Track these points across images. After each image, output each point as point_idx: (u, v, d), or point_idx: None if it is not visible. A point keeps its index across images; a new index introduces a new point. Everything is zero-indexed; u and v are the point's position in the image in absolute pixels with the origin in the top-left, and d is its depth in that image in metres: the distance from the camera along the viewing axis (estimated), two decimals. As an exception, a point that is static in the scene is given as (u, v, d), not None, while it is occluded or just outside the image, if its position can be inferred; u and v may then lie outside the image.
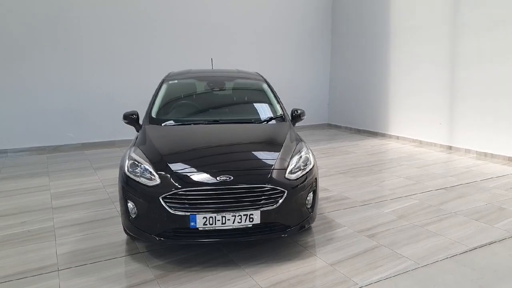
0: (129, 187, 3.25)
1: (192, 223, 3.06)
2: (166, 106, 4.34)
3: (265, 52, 9.75)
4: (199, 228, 3.09)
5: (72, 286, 2.96)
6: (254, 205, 3.13)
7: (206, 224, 3.08)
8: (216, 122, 4.10)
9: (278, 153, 3.48)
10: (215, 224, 3.08)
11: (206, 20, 8.91)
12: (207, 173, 3.19)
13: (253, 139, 3.81)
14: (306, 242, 3.69)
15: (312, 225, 4.02)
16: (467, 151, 7.41)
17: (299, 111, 4.56)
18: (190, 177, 3.18)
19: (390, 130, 9.08)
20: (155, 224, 3.14)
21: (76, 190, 5.24)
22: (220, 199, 3.10)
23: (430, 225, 4.08)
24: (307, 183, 3.43)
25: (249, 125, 4.09)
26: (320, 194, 5.02)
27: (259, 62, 9.62)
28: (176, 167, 3.25)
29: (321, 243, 3.68)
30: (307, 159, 3.58)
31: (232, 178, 3.14)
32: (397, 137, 8.88)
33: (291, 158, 3.49)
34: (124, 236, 3.74)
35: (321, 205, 4.64)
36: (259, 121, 4.15)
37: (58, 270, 3.18)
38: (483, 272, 3.17)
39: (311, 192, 3.51)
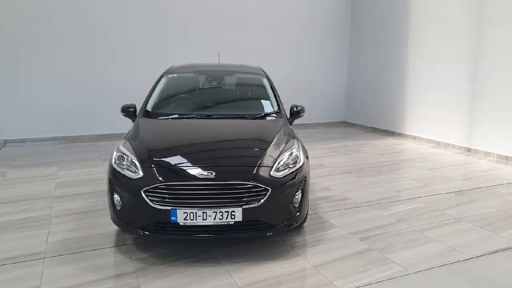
0: (115, 179, 3.27)
1: (173, 218, 3.04)
2: (162, 100, 4.34)
3: (280, 48, 9.63)
4: (180, 223, 3.06)
5: (54, 274, 3.00)
6: (236, 202, 3.08)
7: (187, 220, 3.05)
8: (209, 116, 4.07)
9: (265, 150, 3.41)
10: (196, 219, 3.05)
11: (219, 14, 8.88)
12: (189, 168, 3.16)
13: (242, 135, 3.75)
14: (294, 241, 3.61)
15: (304, 224, 3.94)
16: (487, 153, 7.07)
17: (298, 108, 4.46)
18: (173, 171, 3.16)
19: (407, 129, 8.79)
20: (138, 217, 3.15)
21: (80, 180, 5.34)
22: (201, 195, 3.06)
23: (429, 230, 3.91)
24: (295, 182, 3.34)
25: (242, 120, 4.02)
26: (320, 194, 4.92)
27: (274, 58, 9.53)
28: (160, 161, 3.24)
29: (310, 244, 3.58)
30: (297, 157, 3.49)
31: (214, 174, 3.10)
32: (414, 137, 8.59)
33: (279, 155, 3.40)
34: (114, 228, 3.77)
35: (318, 205, 4.53)
36: (253, 116, 4.08)
37: (44, 258, 3.24)
38: (477, 283, 3.00)
39: (300, 191, 3.41)
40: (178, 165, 3.22)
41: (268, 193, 3.14)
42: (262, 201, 3.12)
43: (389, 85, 9.21)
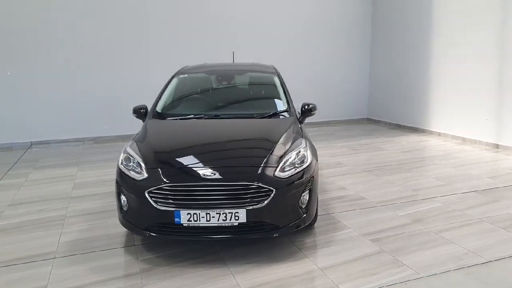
0: (121, 180, 3.29)
1: (176, 219, 3.03)
2: (171, 101, 4.36)
3: (300, 43, 9.50)
4: (184, 224, 3.05)
5: (61, 275, 3.05)
6: (239, 203, 3.04)
7: (191, 221, 3.03)
8: (217, 116, 4.04)
9: (270, 150, 3.34)
10: (199, 221, 3.03)
11: (236, 12, 8.84)
12: (193, 169, 3.14)
13: (248, 135, 3.69)
14: (303, 243, 3.53)
15: (315, 225, 3.85)
16: (517, 150, 6.73)
17: (310, 106, 4.37)
18: (176, 172, 3.16)
19: (431, 125, 8.48)
20: (143, 218, 3.16)
21: (97, 181, 5.44)
22: (204, 196, 3.03)
23: (447, 231, 3.74)
24: (301, 182, 3.26)
25: (250, 120, 3.97)
26: (335, 193, 4.81)
27: (294, 56, 9.42)
28: (165, 162, 3.24)
29: (319, 245, 3.50)
30: (304, 156, 3.41)
31: (217, 174, 3.06)
32: (439, 134, 8.28)
33: (284, 155, 3.33)
34: (124, 228, 3.78)
35: (332, 205, 4.43)
36: (261, 115, 4.02)
37: (54, 258, 3.30)
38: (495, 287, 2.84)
39: (307, 191, 3.33)
40: (182, 166, 3.21)
41: (273, 194, 3.08)
42: (266, 202, 3.06)
43: (412, 80, 8.92)
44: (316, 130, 9.19)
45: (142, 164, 3.24)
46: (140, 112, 4.28)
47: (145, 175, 3.15)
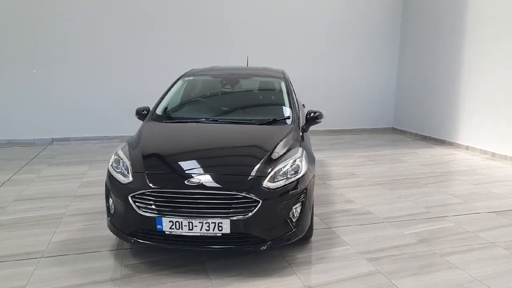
0: (109, 183, 3.25)
1: (158, 226, 2.95)
2: (173, 103, 4.29)
3: (325, 48, 9.27)
4: (166, 232, 2.95)
5: (43, 275, 3.03)
6: (223, 213, 2.91)
7: (173, 229, 2.93)
8: (215, 121, 3.93)
9: (261, 159, 3.20)
10: (182, 229, 2.93)
11: (256, 15, 8.73)
12: (177, 176, 3.05)
13: (241, 142, 3.56)
14: (294, 257, 3.35)
15: (312, 239, 3.67)
16: (550, 169, 6.23)
17: (316, 113, 4.18)
18: (160, 178, 3.07)
19: (459, 138, 8.03)
20: (126, 224, 3.09)
21: (104, 180, 5.42)
22: (187, 204, 2.93)
23: (454, 254, 3.45)
24: (293, 194, 3.10)
25: (247, 126, 3.83)
26: (341, 206, 4.59)
27: (318, 61, 9.22)
28: (151, 167, 3.16)
29: (311, 261, 3.31)
30: (298, 167, 3.23)
31: (201, 182, 2.95)
32: (466, 147, 7.82)
33: (276, 164, 3.17)
34: (115, 231, 3.75)
35: (335, 218, 4.22)
36: (260, 122, 3.87)
37: (41, 258, 3.29)
38: (496, 323, 2.57)
39: (299, 204, 3.16)
40: (167, 172, 3.12)
41: (259, 205, 2.93)
42: (251, 213, 2.92)
43: (441, 90, 8.49)
44: (337, 138, 8.93)
45: (129, 168, 3.18)
46: (142, 114, 4.25)
47: (130, 179, 3.09)
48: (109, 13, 7.90)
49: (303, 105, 5.90)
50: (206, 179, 3.00)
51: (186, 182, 2.95)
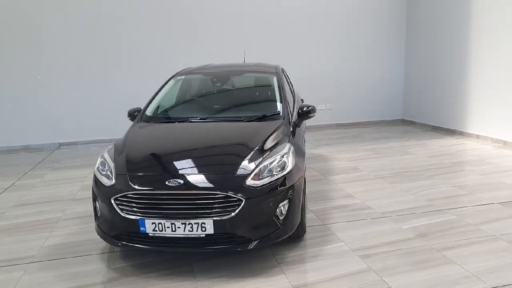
0: (95, 185, 3.23)
1: (142, 228, 2.91)
2: (162, 104, 4.25)
3: (331, 43, 9.09)
4: (150, 234, 2.92)
5: (30, 281, 3.04)
6: (206, 213, 2.85)
7: (156, 230, 2.90)
8: (203, 120, 3.87)
9: (245, 157, 3.12)
10: (165, 231, 2.89)
11: (262, 10, 8.62)
12: (159, 177, 3.00)
13: (228, 141, 3.48)
14: (284, 256, 3.27)
15: (305, 237, 3.58)
16: None
17: (307, 108, 4.08)
18: (142, 179, 3.02)
19: (470, 128, 7.77)
20: (111, 226, 3.07)
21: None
22: (169, 205, 2.88)
23: (451, 249, 3.31)
24: (279, 191, 3.02)
25: (235, 124, 3.76)
26: (340, 201, 4.48)
27: (322, 52, 9.06)
28: (134, 169, 3.12)
29: (301, 260, 3.22)
30: (284, 163, 3.15)
31: (182, 182, 2.90)
32: (477, 136, 7.56)
33: (261, 162, 3.10)
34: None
35: (331, 214, 4.11)
36: (248, 119, 3.79)
37: (31, 263, 3.31)
38: (491, 321, 2.44)
39: (286, 201, 3.08)
40: (149, 173, 3.07)
41: (242, 204, 2.86)
42: (234, 213, 2.85)
43: (450, 79, 8.23)
44: (344, 132, 8.77)
45: (113, 170, 3.15)
46: (134, 116, 4.23)
47: (113, 181, 3.06)
48: (115, 17, 7.92)
49: (301, 100, 5.80)
50: (188, 179, 2.94)
51: (167, 183, 2.91)
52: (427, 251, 3.29)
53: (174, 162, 3.21)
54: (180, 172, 3.03)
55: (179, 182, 2.90)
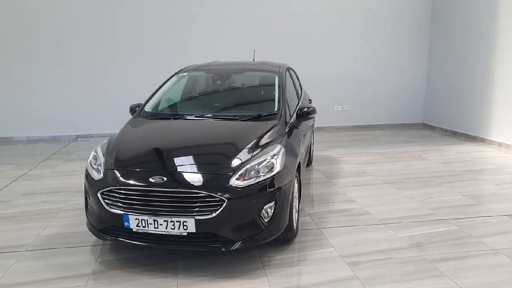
0: (86, 179, 3.28)
1: (126, 223, 2.94)
2: (161, 100, 4.26)
3: (350, 43, 8.91)
4: (133, 229, 2.94)
5: (20, 269, 3.11)
6: (187, 212, 2.84)
7: (139, 226, 2.92)
8: (199, 118, 3.85)
9: (233, 156, 3.09)
10: (148, 227, 2.90)
11: (278, 10, 8.55)
12: (144, 173, 3.00)
13: (218, 139, 3.45)
14: (270, 259, 3.23)
15: (296, 240, 3.53)
16: None
17: (307, 109, 4.01)
18: (127, 175, 3.04)
19: (492, 134, 7.44)
20: (98, 220, 3.11)
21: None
22: (152, 202, 2.89)
23: (446, 261, 3.17)
24: (264, 193, 2.97)
25: (228, 123, 3.73)
26: (339, 206, 4.39)
27: (341, 53, 8.90)
28: (121, 164, 3.15)
29: (287, 263, 3.17)
30: (272, 164, 3.09)
31: (165, 180, 2.90)
32: (500, 144, 7.23)
33: (248, 162, 3.06)
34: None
35: (328, 218, 4.03)
36: (243, 118, 3.75)
37: (25, 251, 3.39)
38: None
39: (272, 203, 3.03)
40: (135, 169, 3.08)
41: (224, 204, 2.83)
42: (216, 213, 2.83)
43: (473, 83, 7.91)
44: (360, 134, 8.60)
45: (102, 164, 3.19)
46: (135, 111, 4.27)
47: (101, 175, 3.10)
48: (132, 11, 8.05)
49: (309, 100, 5.71)
50: (172, 177, 2.94)
51: (151, 179, 2.92)
52: (419, 262, 3.17)
53: (161, 159, 3.22)
54: (165, 169, 3.04)
55: (163, 179, 2.90)
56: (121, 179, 3.00)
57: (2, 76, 7.88)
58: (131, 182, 2.96)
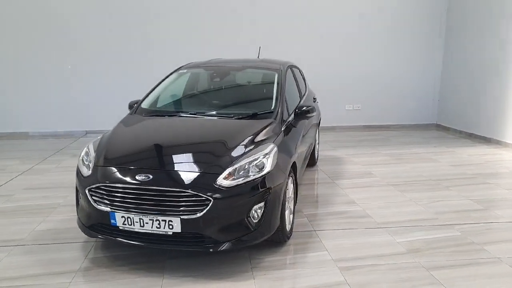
0: (76, 175, 3.27)
1: (112, 220, 2.91)
2: (159, 97, 4.22)
3: (361, 41, 8.72)
4: (120, 227, 2.91)
5: (10, 263, 3.12)
6: (173, 211, 2.79)
7: (125, 224, 2.88)
8: (193, 115, 3.79)
9: (222, 155, 3.02)
10: (134, 225, 2.86)
11: (287, 7, 8.42)
12: (130, 171, 2.96)
13: (208, 138, 3.37)
14: (260, 261, 3.15)
15: (289, 242, 3.44)
16: None
17: (306, 108, 3.91)
18: (114, 172, 3.00)
19: (508, 137, 7.16)
20: (86, 217, 3.09)
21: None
22: (137, 200, 2.84)
23: (443, 269, 3.03)
24: (253, 193, 2.89)
25: (221, 121, 3.65)
26: (339, 208, 4.27)
27: (353, 53, 8.72)
28: (109, 161, 3.11)
29: (277, 266, 3.08)
30: (263, 164, 3.01)
31: (151, 178, 2.85)
32: (515, 147, 6.96)
33: (237, 161, 2.98)
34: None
35: (326, 220, 3.92)
36: (238, 116, 3.66)
37: (17, 246, 3.41)
38: None
39: (261, 204, 2.95)
40: (122, 167, 3.03)
41: (210, 204, 2.76)
42: (202, 212, 2.76)
43: (490, 84, 7.63)
44: (371, 134, 8.41)
45: (92, 161, 3.17)
46: (133, 107, 4.24)
47: (90, 172, 3.07)
48: (142, 7, 8.07)
49: (314, 98, 5.60)
50: (158, 175, 2.89)
51: (137, 177, 2.87)
52: (415, 269, 3.03)
53: (149, 157, 3.16)
54: (152, 167, 2.99)
55: (149, 177, 2.85)
56: (108, 176, 2.97)
57: (15, 72, 8.01)
58: (117, 179, 2.92)
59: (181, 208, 2.78)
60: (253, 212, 2.92)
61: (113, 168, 3.03)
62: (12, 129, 8.18)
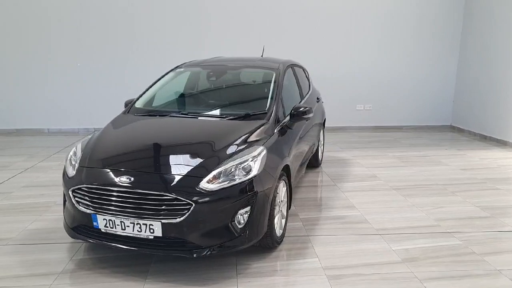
0: (62, 175, 3.22)
1: (94, 223, 2.85)
2: (153, 96, 4.14)
3: (373, 39, 8.50)
4: (102, 230, 2.85)
5: (-5, 263, 3.11)
6: (153, 215, 2.71)
7: (107, 227, 2.82)
8: (185, 115, 3.70)
9: (207, 157, 2.93)
10: (115, 228, 2.80)
11: (297, 5, 8.27)
12: (113, 173, 2.89)
13: (196, 139, 3.27)
14: (247, 267, 3.05)
15: (280, 248, 3.32)
16: None
17: (302, 109, 3.78)
18: (96, 174, 2.94)
19: (522, 140, 6.88)
20: (72, 218, 3.04)
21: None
22: (118, 202, 2.77)
23: (438, 280, 2.88)
24: (238, 197, 2.79)
25: (212, 121, 3.55)
26: (338, 212, 4.13)
27: (364, 53, 8.52)
28: (94, 162, 3.05)
29: (263, 273, 2.98)
30: (250, 167, 2.90)
31: (132, 180, 2.77)
32: (530, 151, 6.66)
33: (223, 164, 2.88)
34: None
35: (322, 226, 3.79)
36: (230, 117, 3.56)
37: (5, 245, 3.39)
38: None
39: (247, 209, 2.84)
40: (105, 168, 2.96)
41: (192, 208, 2.68)
42: (183, 217, 2.68)
43: (506, 85, 7.33)
44: (381, 135, 8.20)
45: (78, 161, 3.12)
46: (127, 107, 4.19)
47: (74, 172, 3.02)
48: (149, 5, 8.05)
49: (317, 98, 5.45)
50: (139, 177, 2.81)
51: (118, 179, 2.80)
52: (408, 279, 2.89)
53: (133, 159, 3.09)
54: (134, 169, 2.91)
55: (130, 179, 2.78)
56: (90, 177, 2.91)
57: (25, 71, 8.12)
58: (99, 181, 2.86)
59: (162, 212, 2.70)
60: (238, 216, 2.82)
61: (96, 169, 2.97)
62: (22, 126, 8.30)
